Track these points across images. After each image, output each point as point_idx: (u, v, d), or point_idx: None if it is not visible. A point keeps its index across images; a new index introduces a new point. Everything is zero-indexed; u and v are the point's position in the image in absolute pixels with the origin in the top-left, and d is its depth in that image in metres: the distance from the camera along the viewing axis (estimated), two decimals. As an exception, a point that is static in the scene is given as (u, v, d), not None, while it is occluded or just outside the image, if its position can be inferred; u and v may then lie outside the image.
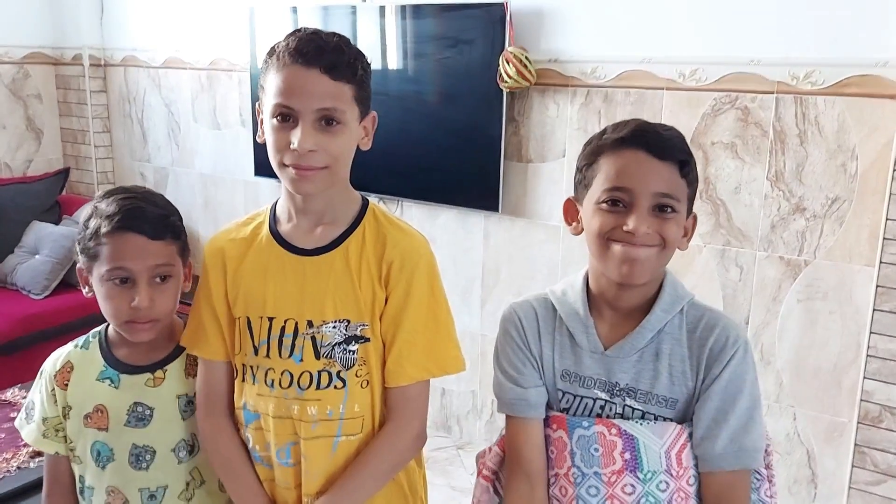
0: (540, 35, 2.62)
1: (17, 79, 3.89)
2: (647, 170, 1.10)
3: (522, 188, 2.77)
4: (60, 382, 1.30)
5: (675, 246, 1.14)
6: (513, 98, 2.69)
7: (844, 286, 2.23)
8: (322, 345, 1.20)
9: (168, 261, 1.24)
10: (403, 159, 2.89)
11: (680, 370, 1.14)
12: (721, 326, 1.14)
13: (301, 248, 1.22)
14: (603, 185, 1.13)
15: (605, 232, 1.12)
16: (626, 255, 1.10)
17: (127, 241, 1.20)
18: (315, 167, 1.13)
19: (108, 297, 1.22)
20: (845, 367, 2.25)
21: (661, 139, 1.11)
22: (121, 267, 1.20)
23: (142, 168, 3.95)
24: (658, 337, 1.15)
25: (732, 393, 1.12)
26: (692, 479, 1.14)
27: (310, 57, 1.11)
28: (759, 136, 2.29)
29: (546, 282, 2.77)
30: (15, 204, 3.60)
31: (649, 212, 1.10)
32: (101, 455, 1.28)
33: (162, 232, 1.23)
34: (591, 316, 1.19)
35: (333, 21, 3.00)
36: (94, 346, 1.32)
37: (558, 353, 1.20)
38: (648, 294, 1.17)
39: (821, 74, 2.17)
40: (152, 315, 1.23)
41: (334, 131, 1.14)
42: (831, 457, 2.31)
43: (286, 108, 1.12)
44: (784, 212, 2.29)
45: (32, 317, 3.17)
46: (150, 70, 3.79)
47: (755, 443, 1.12)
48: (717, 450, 1.11)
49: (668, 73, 2.41)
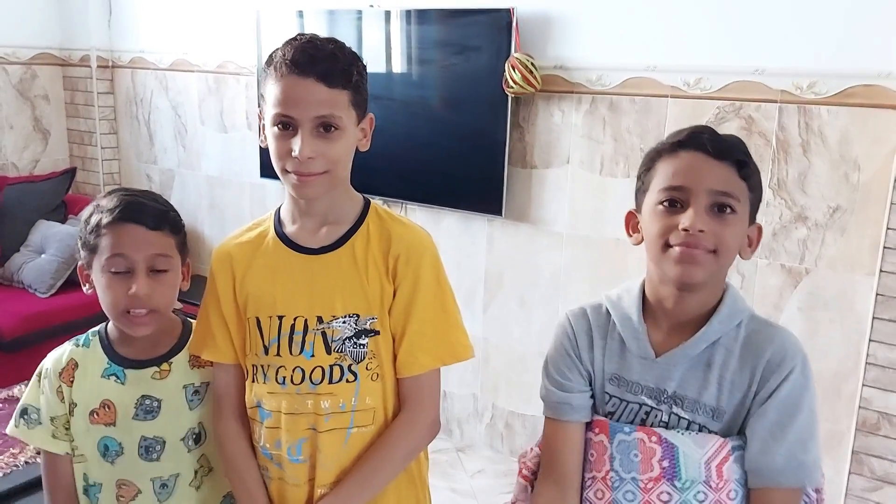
0: (546, 41, 2.64)
1: (24, 79, 3.92)
2: (703, 168, 1.09)
3: (526, 194, 2.78)
4: (66, 379, 1.31)
5: (735, 252, 1.12)
6: (518, 104, 2.71)
7: (845, 295, 2.24)
8: (333, 339, 1.23)
9: (166, 252, 1.26)
10: (408, 163, 2.91)
11: (730, 381, 1.12)
12: (780, 340, 1.13)
13: (308, 248, 1.25)
14: (660, 185, 1.12)
15: (662, 233, 1.11)
16: (683, 256, 1.09)
17: (127, 231, 1.23)
18: (315, 173, 1.17)
19: (107, 287, 1.25)
20: (845, 375, 2.27)
21: (718, 140, 1.11)
22: (120, 254, 1.23)
23: (148, 169, 3.98)
24: (712, 348, 1.14)
25: (791, 408, 1.09)
26: (733, 494, 1.12)
27: (305, 66, 1.14)
28: (762, 145, 2.31)
29: (549, 288, 2.79)
30: (22, 203, 3.63)
31: (706, 210, 1.09)
32: (108, 450, 1.30)
33: (160, 223, 1.26)
34: (644, 322, 1.18)
35: (339, 26, 3.02)
36: (95, 344, 1.34)
37: (608, 357, 1.21)
38: (708, 305, 1.15)
39: (824, 84, 2.19)
40: (150, 305, 1.25)
41: (332, 137, 1.17)
42: (829, 464, 2.32)
43: (285, 117, 1.16)
44: (786, 220, 2.30)
45: (38, 315, 3.20)
46: (158, 72, 3.82)
47: (815, 460, 1.10)
48: (777, 465, 1.09)
49: (673, 81, 2.44)
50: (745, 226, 1.13)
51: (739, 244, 1.13)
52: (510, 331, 2.93)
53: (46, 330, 3.15)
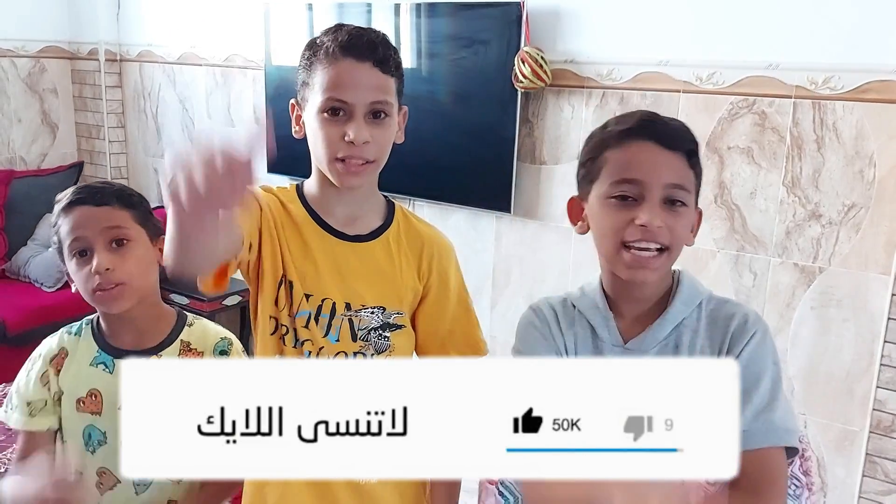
0: (556, 35, 2.61)
1: (33, 73, 3.91)
2: (656, 160, 1.06)
3: (535, 190, 2.76)
4: (55, 368, 1.34)
5: (683, 242, 1.11)
6: (527, 99, 2.69)
7: (859, 294, 2.21)
8: (359, 328, 1.22)
9: (120, 224, 1.28)
10: (416, 159, 2.88)
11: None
12: (741, 313, 1.12)
13: (344, 234, 1.24)
14: (610, 177, 1.08)
15: (617, 230, 1.08)
16: (636, 262, 1.07)
17: (77, 212, 1.27)
18: (368, 160, 1.16)
19: (75, 271, 1.28)
20: (858, 375, 2.23)
21: (669, 129, 1.09)
22: (77, 237, 1.26)
23: (155, 163, 3.97)
24: (677, 330, 1.14)
25: (755, 372, 1.08)
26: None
27: (362, 51, 1.13)
28: (776, 141, 2.27)
29: (557, 284, 2.76)
30: (29, 197, 3.63)
31: (660, 204, 1.06)
32: (91, 438, 1.31)
33: (106, 199, 1.28)
34: (610, 310, 1.17)
35: (348, 19, 2.99)
36: (86, 333, 1.36)
37: (581, 345, 1.19)
38: (664, 288, 1.15)
39: (840, 79, 2.15)
40: (114, 279, 1.25)
41: (383, 124, 1.17)
42: (842, 465, 2.29)
43: (339, 102, 1.13)
44: (799, 218, 2.27)
45: (44, 309, 3.20)
46: (166, 66, 3.81)
47: (784, 421, 1.08)
48: (743, 427, 1.06)
49: (685, 76, 2.40)
50: (692, 214, 1.11)
51: (686, 239, 1.12)
52: (518, 328, 2.90)
53: (53, 324, 3.10)
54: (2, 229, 3.53)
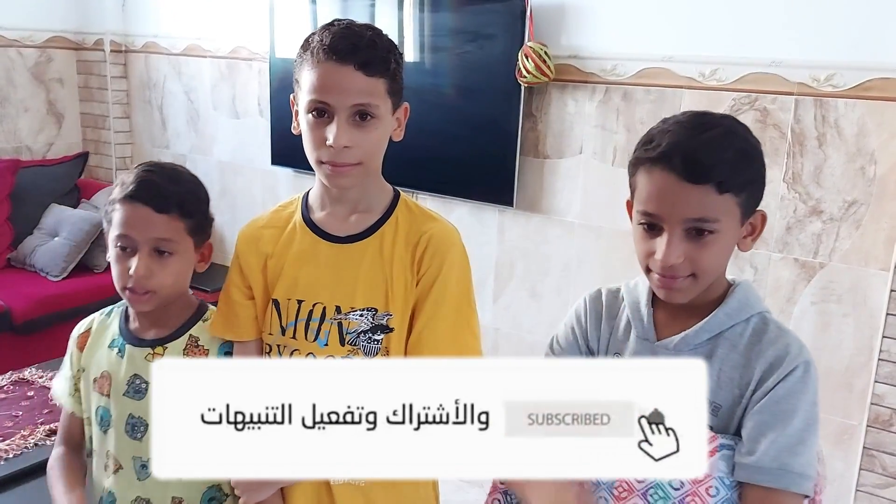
0: (560, 31, 2.62)
1: (39, 63, 3.93)
2: (676, 195, 1.03)
3: (538, 184, 2.77)
4: (80, 345, 1.36)
5: (718, 268, 1.09)
6: (531, 94, 2.70)
7: (859, 289, 2.22)
8: (348, 332, 1.22)
9: (170, 236, 1.25)
10: (419, 152, 2.89)
11: (729, 376, 1.09)
12: (785, 342, 1.08)
13: (335, 236, 1.25)
14: (638, 203, 1.09)
15: (643, 256, 1.09)
16: (663, 284, 1.08)
17: (133, 210, 1.23)
18: (349, 164, 1.16)
19: (114, 262, 1.27)
20: (857, 370, 2.25)
21: (695, 159, 1.02)
22: (124, 234, 1.24)
23: (160, 154, 3.98)
24: (715, 340, 1.11)
25: (785, 410, 1.05)
26: (713, 490, 1.08)
27: (344, 53, 1.12)
28: (778, 137, 2.28)
29: (560, 278, 2.78)
30: (35, 186, 3.65)
31: (683, 236, 1.04)
32: (102, 420, 1.32)
33: (167, 207, 1.24)
34: (652, 307, 1.17)
35: (352, 12, 3.00)
36: (115, 315, 1.37)
37: (614, 338, 1.20)
38: (710, 296, 1.13)
39: (842, 77, 2.16)
40: (148, 286, 1.25)
41: (369, 126, 1.16)
42: (840, 459, 2.31)
43: (321, 104, 1.14)
44: (800, 214, 2.28)
45: (50, 298, 3.22)
46: (171, 57, 3.82)
47: (803, 468, 1.04)
48: (755, 461, 1.05)
49: (689, 72, 2.41)
50: (732, 234, 1.08)
51: (724, 260, 1.10)
52: (521, 321, 2.92)
53: (58, 313, 3.16)
54: (8, 218, 3.55)
